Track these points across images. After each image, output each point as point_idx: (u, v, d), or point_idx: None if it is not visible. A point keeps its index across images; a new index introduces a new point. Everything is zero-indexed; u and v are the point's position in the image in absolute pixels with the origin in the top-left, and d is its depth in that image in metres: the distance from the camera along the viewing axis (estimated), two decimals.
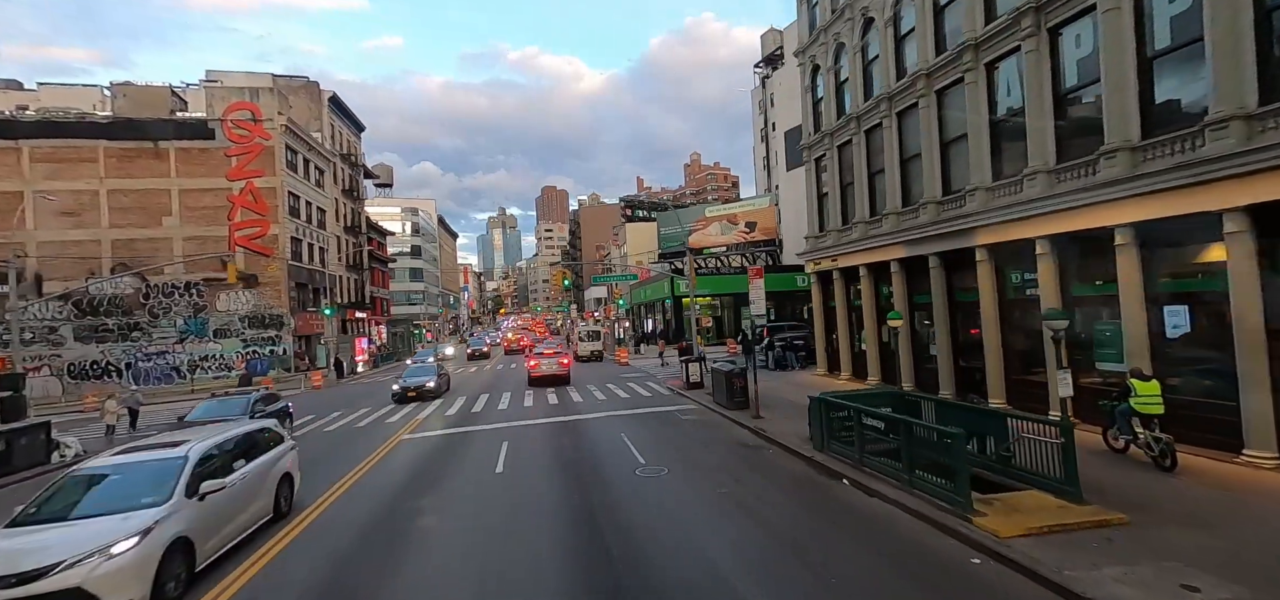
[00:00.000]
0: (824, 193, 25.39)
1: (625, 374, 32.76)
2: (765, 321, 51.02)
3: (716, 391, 20.56)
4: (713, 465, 13.20)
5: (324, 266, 53.86)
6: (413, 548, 9.21)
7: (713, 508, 10.38)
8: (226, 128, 45.74)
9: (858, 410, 11.83)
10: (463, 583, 7.91)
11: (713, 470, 12.81)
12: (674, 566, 8.05)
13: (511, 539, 9.37)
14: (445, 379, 29.91)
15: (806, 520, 9.58)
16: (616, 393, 25.29)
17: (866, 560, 8.00)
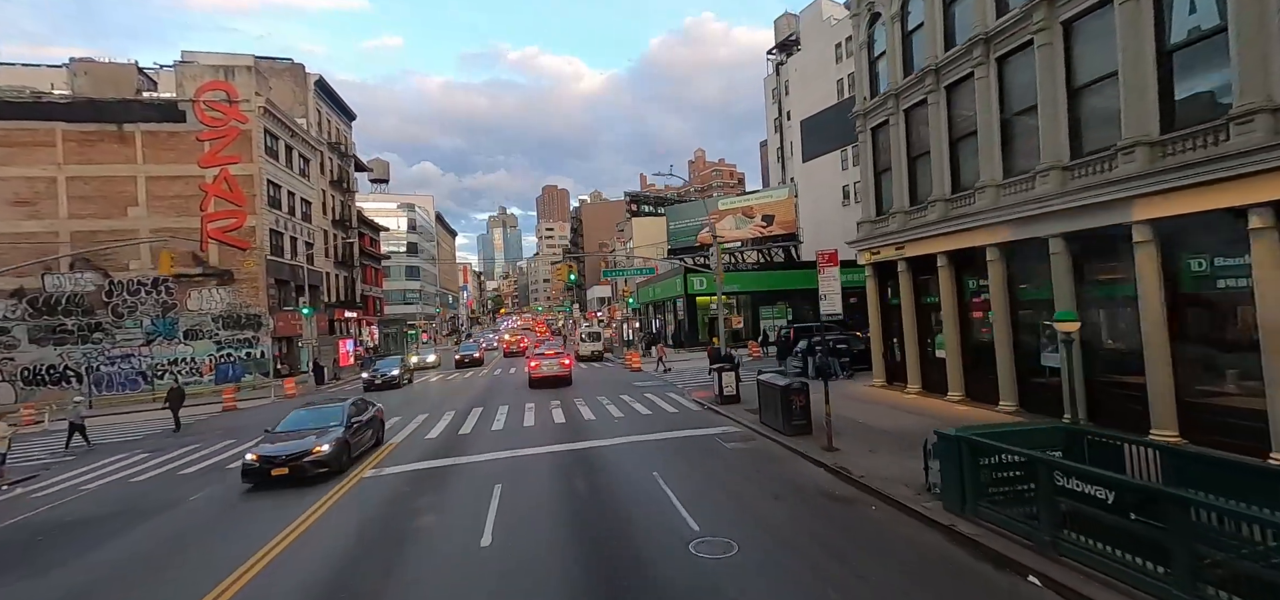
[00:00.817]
0: (883, 169, 21.09)
1: (639, 382, 28.45)
2: (788, 322, 46.77)
3: (764, 410, 16.26)
4: (797, 534, 8.90)
5: (309, 262, 49.53)
6: None
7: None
8: (198, 109, 41.41)
9: (1045, 466, 7.50)
10: None
11: (801, 544, 8.52)
12: None
13: None
14: (372, 424, 16.73)
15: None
16: (634, 407, 20.99)
17: None
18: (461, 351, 46.34)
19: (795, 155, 63.55)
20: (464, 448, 15.87)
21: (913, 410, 16.89)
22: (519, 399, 24.66)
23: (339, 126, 58.41)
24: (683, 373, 31.34)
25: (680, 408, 20.46)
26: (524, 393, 26.90)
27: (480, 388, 29.77)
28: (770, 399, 15.70)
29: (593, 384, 29.37)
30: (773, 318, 46.83)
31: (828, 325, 37.21)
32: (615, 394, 24.56)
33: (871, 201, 21.50)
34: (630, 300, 45.39)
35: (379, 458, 15.30)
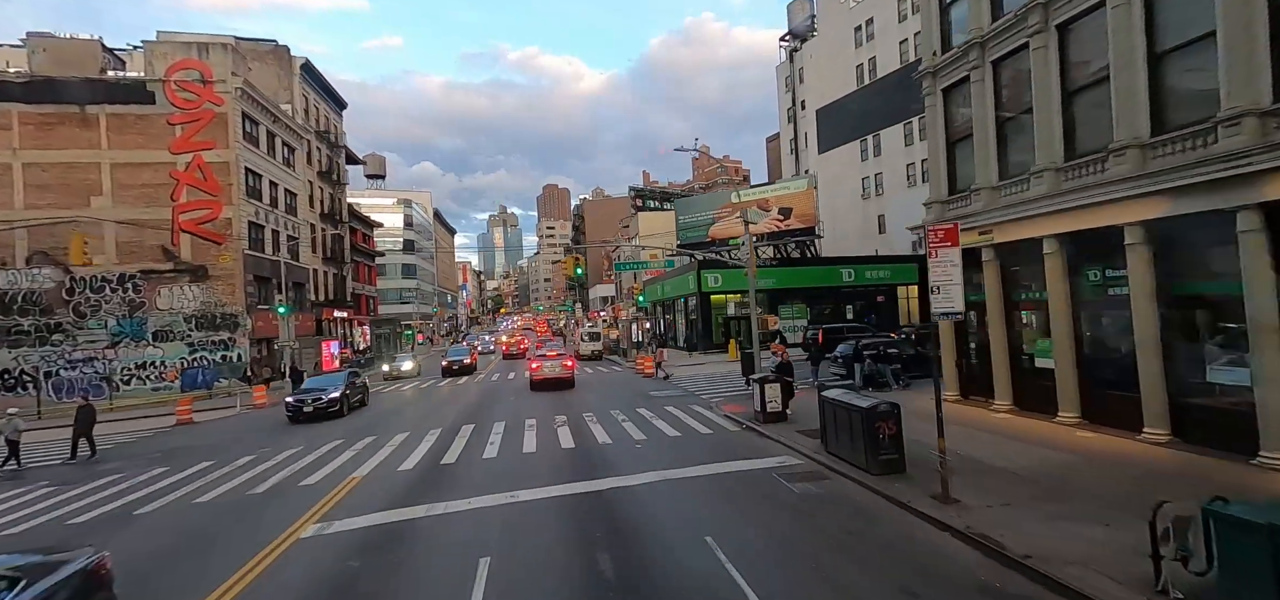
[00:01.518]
0: (959, 137, 17.31)
1: (655, 391, 24.69)
2: (809, 323, 42.99)
3: (833, 437, 12.48)
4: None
5: (294, 258, 45.76)
6: None
7: None
8: (169, 90, 37.64)
9: None
10: None
11: None
12: None
13: None
14: None
15: None
16: (656, 425, 17.23)
17: None
18: (449, 356, 38.75)
19: (810, 147, 59.86)
20: (445, 487, 12.10)
21: (1019, 437, 13.14)
22: (518, 413, 20.88)
23: (328, 115, 54.63)
24: (695, 379, 27.59)
25: (714, 427, 16.69)
26: (524, 403, 23.14)
27: (473, 399, 25.94)
28: (844, 424, 11.93)
29: (601, 392, 25.62)
30: (791, 317, 43.07)
31: (851, 327, 33.37)
32: (630, 406, 20.79)
33: (942, 178, 17.72)
34: (640, 298, 41.58)
35: (332, 501, 11.55)
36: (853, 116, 54.40)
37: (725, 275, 41.78)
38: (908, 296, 45.41)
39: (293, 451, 16.65)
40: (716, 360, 36.68)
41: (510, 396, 25.70)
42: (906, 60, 49.30)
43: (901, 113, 49.37)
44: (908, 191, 49.74)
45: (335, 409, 22.40)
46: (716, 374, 29.60)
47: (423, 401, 25.38)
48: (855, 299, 44.03)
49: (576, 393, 26.06)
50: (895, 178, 50.78)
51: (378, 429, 19.18)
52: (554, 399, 24.16)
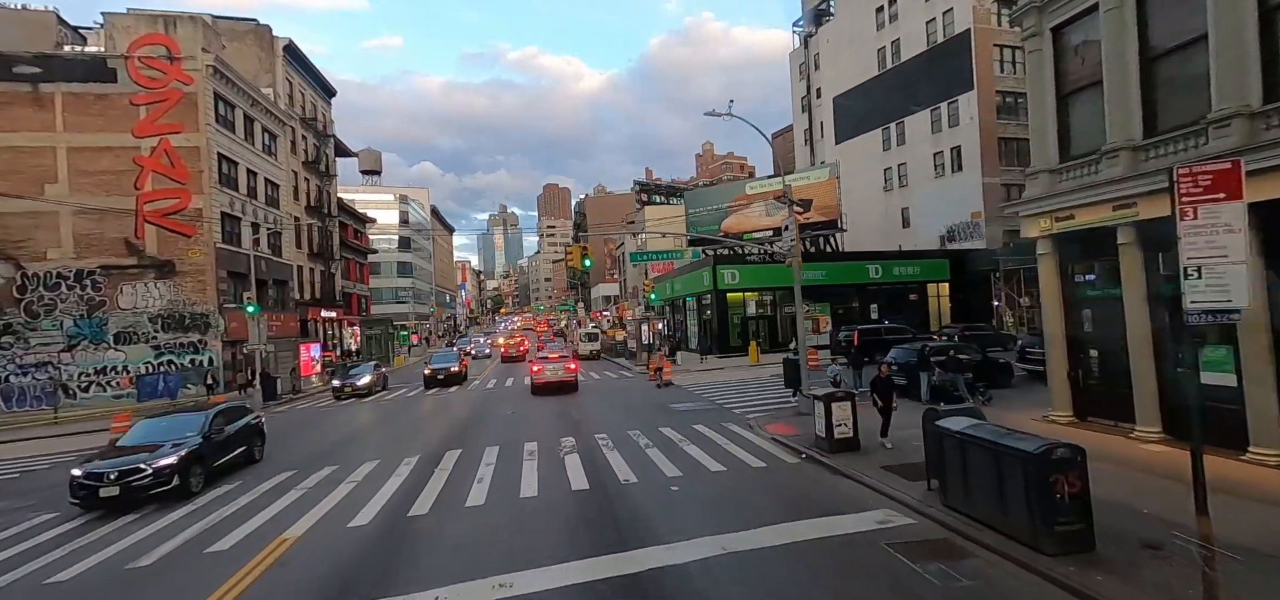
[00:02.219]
0: (1076, 86, 13.50)
1: (680, 405, 20.91)
2: (837, 325, 39.20)
3: (958, 486, 8.68)
4: None
5: (275, 253, 41.98)
6: None
7: None
8: (132, 68, 33.84)
9: None
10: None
11: None
12: None
13: None
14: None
15: None
16: (690, 454, 13.47)
17: None
18: (432, 363, 32.32)
19: (826, 137, 56.14)
20: (407, 561, 8.34)
21: (1216, 486, 9.35)
22: (515, 432, 17.11)
23: (315, 101, 50.82)
24: (717, 389, 23.84)
25: (766, 457, 12.94)
26: (523, 417, 19.39)
27: (461, 413, 22.01)
28: (983, 469, 8.13)
29: (613, 403, 21.88)
30: (813, 319, 39.30)
31: (891, 328, 29.60)
32: (650, 424, 17.04)
33: (1050, 140, 13.89)
34: (652, 296, 37.81)
35: (239, 586, 7.78)
36: (874, 104, 50.68)
37: (743, 271, 38.05)
38: (938, 295, 41.74)
39: (220, 491, 12.89)
40: (736, 364, 32.93)
41: (507, 408, 21.92)
42: (933, 42, 45.63)
43: (929, 98, 45.67)
44: (935, 183, 46.06)
45: (165, 484, 11.94)
46: (740, 381, 25.87)
47: (401, 418, 21.47)
48: (881, 297, 40.34)
49: (583, 403, 22.32)
50: (921, 168, 47.04)
51: (341, 456, 15.40)
52: (557, 410, 20.42)
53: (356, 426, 20.19)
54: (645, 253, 22.23)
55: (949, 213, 44.79)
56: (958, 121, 44.07)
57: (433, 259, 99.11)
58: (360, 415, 22.59)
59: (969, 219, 43.55)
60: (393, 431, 18.47)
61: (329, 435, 18.91)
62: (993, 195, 42.78)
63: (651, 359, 28.91)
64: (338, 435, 18.84)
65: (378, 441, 17.04)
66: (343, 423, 21.22)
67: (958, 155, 44.32)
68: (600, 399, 23.44)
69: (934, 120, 45.86)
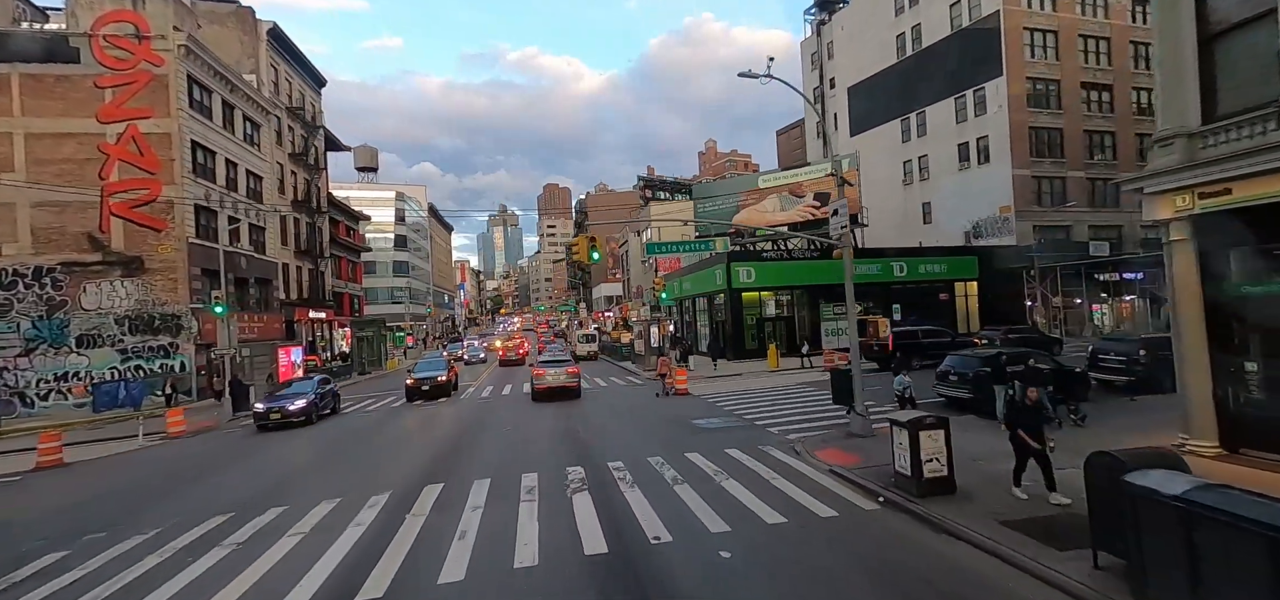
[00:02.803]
0: (1223, 28, 10.40)
1: (702, 419, 17.95)
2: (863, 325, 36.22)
3: (1183, 580, 5.74)
4: None
5: (258, 250, 39.06)
6: None
7: None
8: (96, 47, 30.91)
9: None
10: None
11: None
12: None
13: None
14: None
15: None
16: (733, 494, 10.52)
17: None
18: (415, 373, 26.85)
19: (840, 129, 53.22)
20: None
21: None
22: (511, 459, 14.14)
23: (303, 90, 47.86)
24: (738, 399, 20.92)
25: (831, 498, 9.99)
26: (522, 437, 16.43)
27: (447, 430, 18.81)
28: (1244, 567, 5.16)
29: (624, 417, 18.93)
30: (834, 318, 36.38)
31: (930, 331, 26.61)
32: (674, 447, 14.09)
33: (1189, 96, 10.85)
34: (663, 295, 34.84)
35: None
36: (892, 92, 47.76)
37: (759, 268, 35.10)
38: (966, 294, 38.80)
39: (141, 540, 9.95)
40: (754, 370, 29.98)
41: (503, 425, 18.93)
42: (958, 25, 42.72)
43: (955, 84, 42.76)
44: (959, 176, 43.14)
45: None
46: (765, 391, 22.93)
47: (378, 438, 18.27)
48: (906, 297, 37.42)
49: (590, 416, 19.38)
50: (944, 160, 44.11)
51: (296, 491, 12.43)
52: (561, 427, 17.47)
53: (323, 450, 17.12)
54: (663, 243, 19.26)
55: (974, 207, 41.88)
56: (985, 110, 41.17)
57: (430, 258, 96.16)
58: (331, 436, 19.57)
59: (997, 214, 40.65)
60: (366, 457, 15.43)
61: (289, 459, 15.92)
62: (1023, 189, 39.91)
63: (659, 363, 25.92)
64: (300, 460, 15.85)
65: (345, 471, 14.03)
66: (308, 444, 18.21)
67: (984, 146, 41.41)
68: (609, 412, 20.47)
69: (958, 109, 42.95)
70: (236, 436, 20.55)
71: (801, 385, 23.70)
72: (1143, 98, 42.09)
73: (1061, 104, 40.79)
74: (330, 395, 24.21)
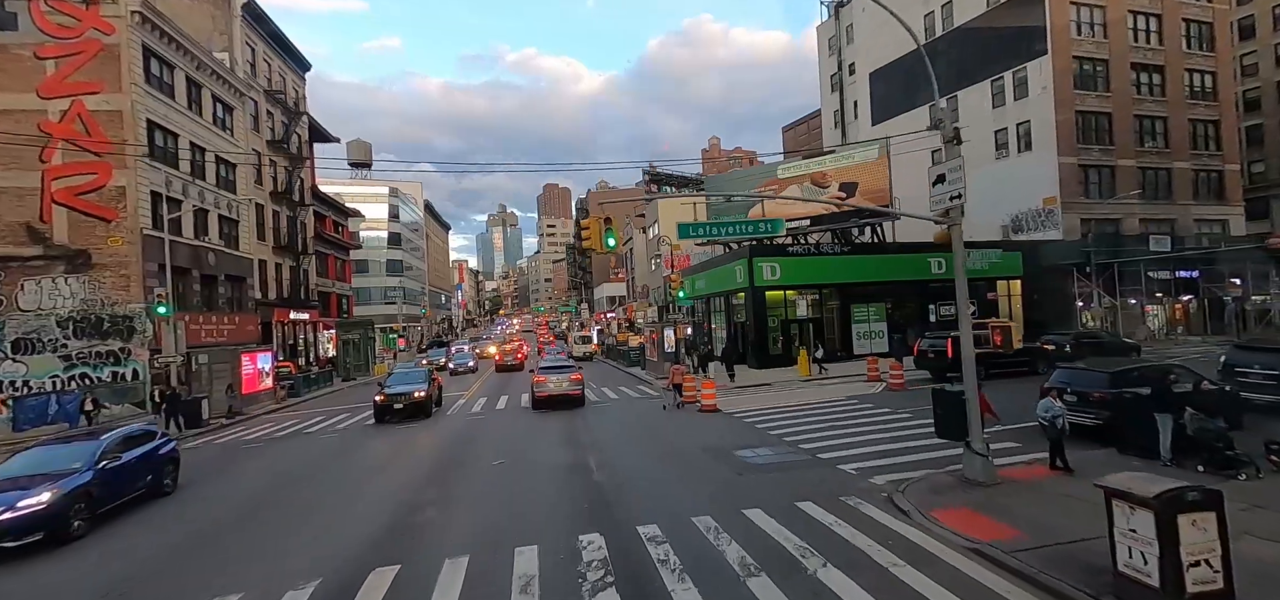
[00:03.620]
0: None
1: (746, 450, 14.03)
2: (899, 326, 32.27)
3: None
4: None
5: (231, 245, 35.17)
6: None
7: None
8: (36, 12, 27.03)
9: None
10: None
11: None
12: None
13: None
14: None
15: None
16: (831, 587, 6.68)
17: None
18: (386, 387, 21.40)
19: (860, 118, 49.41)
20: None
21: None
22: (501, 519, 10.21)
23: (283, 72, 43.96)
24: (773, 418, 17.07)
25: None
26: (515, 489, 12.49)
27: (423, 467, 14.74)
28: None
29: (644, 442, 15.08)
30: (866, 321, 32.63)
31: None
32: (724, 499, 10.22)
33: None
34: (681, 293, 30.97)
35: None
36: (919, 77, 43.85)
37: (785, 264, 31.25)
38: (1009, 294, 35.02)
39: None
40: (783, 380, 26.12)
41: (494, 455, 15.02)
42: (995, 1, 38.92)
43: (991, 65, 38.99)
44: (995, 165, 39.36)
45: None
46: (809, 406, 19.06)
47: (327, 477, 14.10)
48: (945, 297, 33.62)
49: (604, 444, 15.52)
50: (980, 148, 40.16)
51: (190, 576, 8.53)
52: (569, 461, 13.59)
53: (254, 495, 12.93)
54: (701, 225, 15.23)
55: (1014, 199, 38.11)
56: (1026, 93, 37.40)
57: (426, 257, 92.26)
58: (273, 468, 15.59)
59: (1040, 207, 36.86)
60: (298, 517, 11.11)
61: (208, 511, 11.87)
62: (1069, 179, 36.14)
63: (672, 371, 22.06)
64: (220, 512, 11.79)
65: (265, 538, 9.99)
66: (240, 484, 14.23)
67: (1025, 132, 37.64)
68: (625, 435, 16.62)
69: (995, 92, 39.18)
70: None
71: (851, 400, 19.85)
72: (1196, 80, 38.36)
73: (1109, 86, 37.05)
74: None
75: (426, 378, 21.47)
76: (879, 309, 32.58)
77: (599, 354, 52.52)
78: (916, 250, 34.36)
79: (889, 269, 33.09)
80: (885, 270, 32.99)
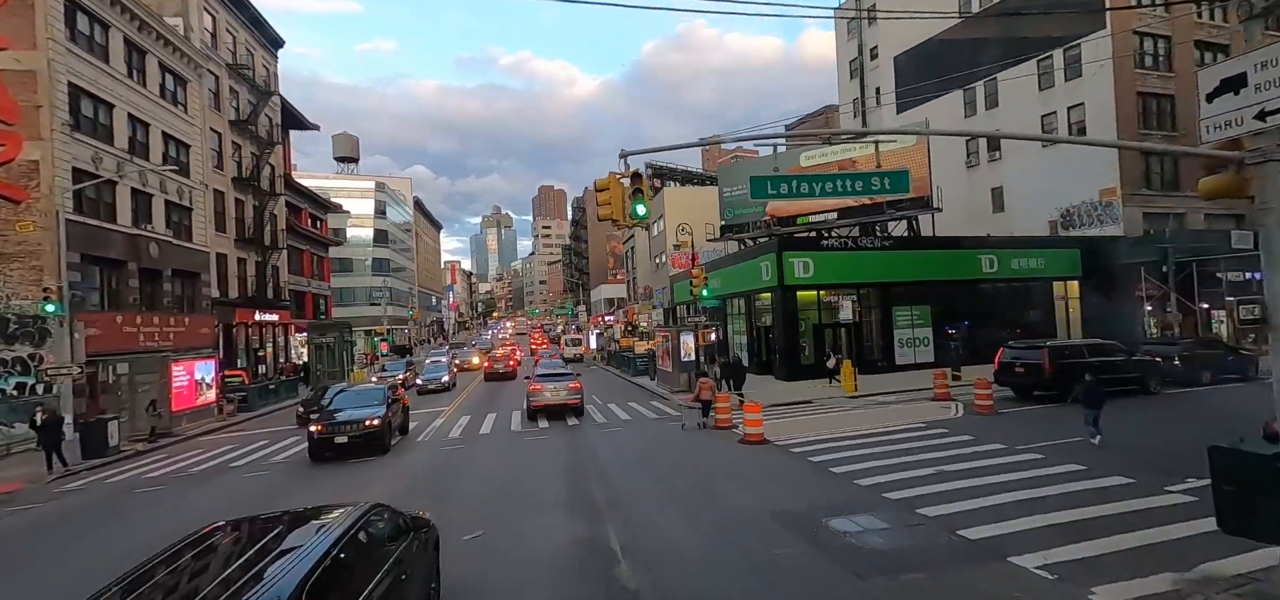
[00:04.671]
0: None
1: (842, 517, 9.56)
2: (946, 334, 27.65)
3: None
4: None
5: (181, 236, 30.37)
6: None
7: None
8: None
9: None
10: None
11: None
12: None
13: None
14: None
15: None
16: None
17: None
18: (328, 417, 15.79)
19: (883, 106, 45.07)
20: None
21: None
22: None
23: (252, 47, 39.13)
24: (844, 453, 12.55)
25: None
26: (502, 569, 7.93)
27: None
28: None
29: (688, 502, 10.48)
30: (910, 325, 28.17)
31: (1095, 347, 18.31)
32: None
33: None
34: (705, 292, 26.33)
35: None
36: (951, 60, 39.61)
37: (819, 260, 26.77)
38: (1067, 296, 30.70)
39: None
40: (825, 396, 21.60)
41: (470, 517, 10.40)
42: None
43: (1037, 43, 34.68)
44: (1042, 154, 35.03)
45: None
46: (877, 437, 14.52)
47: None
48: (997, 299, 29.34)
49: (621, 490, 11.00)
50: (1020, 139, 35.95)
51: None
52: (576, 531, 9.06)
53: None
54: (769, 177, 11.38)
55: (1063, 191, 33.82)
56: (1079, 73, 33.11)
57: (415, 257, 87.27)
58: (134, 535, 10.87)
59: (1097, 199, 32.55)
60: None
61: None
62: (1131, 168, 31.86)
63: (699, 385, 17.51)
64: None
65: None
66: (62, 566, 9.55)
67: (1078, 117, 33.34)
68: (658, 488, 11.97)
69: (1042, 73, 34.87)
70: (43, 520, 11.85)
71: (931, 428, 15.30)
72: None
73: (1172, 65, 32.81)
74: None
75: (382, 399, 16.29)
76: (923, 312, 28.13)
77: (599, 361, 48.03)
78: (965, 246, 29.99)
79: (933, 266, 28.66)
80: (929, 268, 28.56)
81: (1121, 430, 13.35)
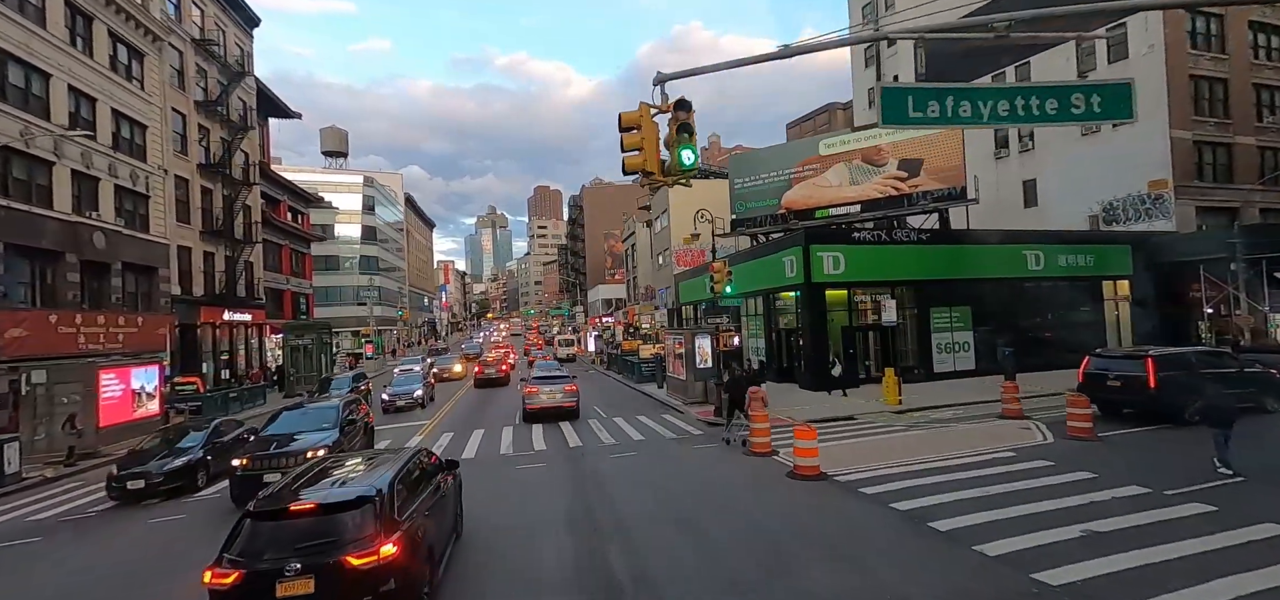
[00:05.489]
0: None
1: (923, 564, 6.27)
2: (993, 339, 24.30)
3: None
4: None
5: (137, 226, 26.97)
6: None
7: None
8: None
9: None
10: None
11: None
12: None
13: None
14: None
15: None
16: None
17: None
18: (258, 448, 12.14)
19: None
20: None
21: None
22: None
23: (222, 22, 35.65)
24: (884, 481, 9.37)
25: None
26: None
27: None
28: None
29: (760, 582, 7.30)
30: (948, 329, 25.06)
31: (1207, 354, 15.26)
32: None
33: None
34: (729, 288, 23.11)
35: None
36: (978, 45, 36.51)
37: (851, 255, 23.63)
38: (1116, 297, 27.71)
39: None
40: (866, 411, 18.47)
41: None
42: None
43: (1075, 22, 31.53)
44: (1081, 143, 32.07)
45: None
46: (952, 465, 11.36)
47: None
48: (1041, 299, 26.32)
49: (660, 583, 7.72)
50: (1058, 127, 32.93)
51: None
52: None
53: None
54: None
55: (1105, 184, 30.86)
56: (1125, 53, 30.16)
57: (406, 256, 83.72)
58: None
59: (1144, 192, 29.56)
60: None
61: None
62: (1184, 158, 28.92)
63: (750, 396, 14.34)
64: None
65: None
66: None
67: None
68: (700, 554, 8.82)
69: (1082, 54, 31.86)
70: None
71: (1023, 460, 12.13)
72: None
73: (1225, 47, 29.93)
74: None
75: (335, 421, 12.71)
76: (963, 313, 25.04)
77: (598, 364, 44.86)
78: (1008, 241, 26.90)
79: (974, 263, 25.59)
80: (968, 265, 25.49)
81: (1253, 460, 10.33)
